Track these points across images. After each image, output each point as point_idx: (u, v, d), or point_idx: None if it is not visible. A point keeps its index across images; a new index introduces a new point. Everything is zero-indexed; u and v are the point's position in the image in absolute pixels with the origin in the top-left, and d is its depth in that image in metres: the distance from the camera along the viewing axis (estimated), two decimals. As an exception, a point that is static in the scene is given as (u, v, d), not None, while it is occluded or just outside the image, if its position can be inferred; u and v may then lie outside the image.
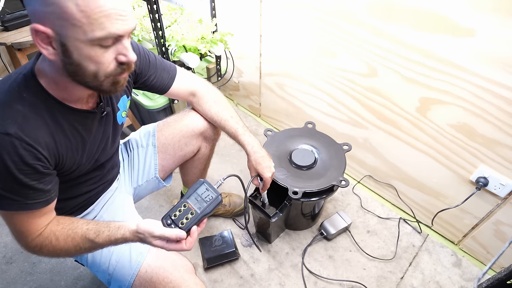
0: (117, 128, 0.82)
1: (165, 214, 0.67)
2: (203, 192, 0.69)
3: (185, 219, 0.66)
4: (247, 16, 1.50)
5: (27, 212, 0.62)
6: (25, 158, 0.57)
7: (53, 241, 0.65)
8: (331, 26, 1.19)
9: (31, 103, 0.59)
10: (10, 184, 0.58)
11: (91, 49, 0.54)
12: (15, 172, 0.57)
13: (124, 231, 0.65)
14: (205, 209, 0.67)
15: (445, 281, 1.18)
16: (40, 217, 0.64)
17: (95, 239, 0.65)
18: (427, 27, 0.96)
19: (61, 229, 0.66)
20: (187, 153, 1.03)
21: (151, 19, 1.19)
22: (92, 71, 0.56)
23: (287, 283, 1.18)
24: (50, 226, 0.66)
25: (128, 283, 0.77)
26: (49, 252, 0.66)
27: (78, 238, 0.65)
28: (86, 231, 0.65)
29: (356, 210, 1.42)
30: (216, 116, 0.96)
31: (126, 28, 0.55)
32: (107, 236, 0.65)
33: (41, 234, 0.65)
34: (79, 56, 0.54)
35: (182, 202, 0.68)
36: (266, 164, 0.92)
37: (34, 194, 0.61)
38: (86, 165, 0.74)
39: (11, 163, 0.56)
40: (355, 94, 1.28)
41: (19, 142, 0.56)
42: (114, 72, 0.59)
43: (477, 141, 1.02)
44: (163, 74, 0.89)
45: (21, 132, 0.56)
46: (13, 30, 1.52)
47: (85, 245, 0.65)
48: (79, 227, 0.66)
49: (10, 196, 0.59)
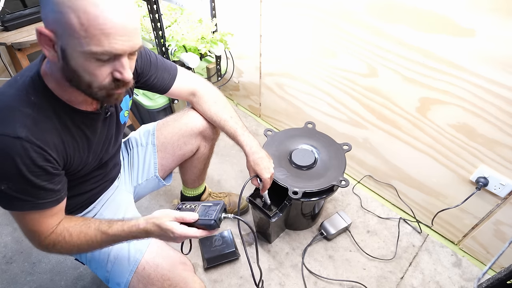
0: (120, 128, 0.83)
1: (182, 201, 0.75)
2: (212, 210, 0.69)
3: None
4: (247, 16, 1.50)
5: (38, 211, 0.63)
6: (36, 160, 0.59)
7: (66, 237, 0.66)
8: (331, 26, 1.19)
9: (40, 106, 0.61)
10: (22, 185, 0.59)
11: (87, 61, 0.54)
12: (27, 174, 0.58)
13: (136, 221, 0.66)
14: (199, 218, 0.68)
15: (445, 281, 1.18)
16: (52, 216, 0.66)
17: (108, 230, 0.66)
18: (427, 27, 0.96)
19: (74, 225, 0.68)
20: (186, 152, 1.03)
21: (151, 19, 1.19)
22: (87, 81, 0.57)
23: (287, 283, 1.18)
24: (63, 223, 0.68)
25: (126, 280, 0.77)
26: (62, 248, 0.67)
27: (91, 232, 0.66)
28: (98, 225, 0.67)
29: (356, 210, 1.42)
30: (216, 116, 0.96)
31: (125, 48, 0.55)
32: (120, 225, 0.66)
33: (54, 232, 0.66)
34: (75, 65, 0.55)
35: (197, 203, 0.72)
36: (264, 165, 0.91)
37: (45, 194, 0.63)
38: (91, 164, 0.76)
39: (23, 166, 0.57)
40: (355, 94, 1.28)
41: (30, 145, 0.58)
42: (109, 86, 0.59)
43: (477, 141, 1.02)
44: (164, 74, 0.89)
45: (31, 135, 0.58)
46: (13, 30, 1.52)
47: (97, 238, 0.66)
48: (92, 222, 0.68)
49: (22, 197, 0.60)
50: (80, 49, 0.53)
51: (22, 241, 1.32)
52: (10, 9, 1.56)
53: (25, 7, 1.73)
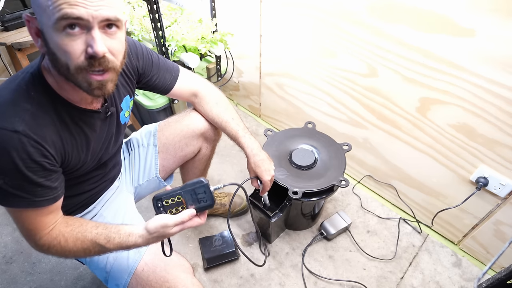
0: (120, 128, 0.83)
1: (158, 196, 0.68)
2: (201, 193, 0.69)
3: (174, 210, 0.68)
4: (247, 16, 1.50)
5: (35, 209, 0.63)
6: (33, 155, 0.58)
7: (61, 242, 0.65)
8: (331, 26, 1.19)
9: (39, 101, 0.60)
10: (19, 181, 0.59)
11: (58, 37, 0.52)
12: (24, 170, 0.58)
13: (135, 239, 0.66)
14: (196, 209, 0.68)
15: (445, 281, 1.18)
16: (48, 215, 0.65)
17: (106, 244, 0.66)
18: (427, 27, 0.96)
19: (70, 230, 0.66)
20: (187, 153, 1.03)
21: (151, 19, 1.19)
22: (64, 62, 0.55)
23: (287, 283, 1.18)
24: (58, 226, 0.66)
25: (125, 281, 0.77)
26: (57, 252, 0.66)
27: (88, 242, 0.66)
28: (96, 236, 0.66)
29: (356, 210, 1.42)
30: (217, 117, 0.96)
31: (89, 13, 0.51)
32: (118, 243, 0.66)
33: (49, 234, 0.65)
34: (52, 45, 0.54)
35: (178, 193, 0.68)
36: (265, 167, 0.91)
37: (42, 191, 0.62)
38: (90, 164, 0.75)
39: (19, 161, 0.57)
40: (355, 94, 1.28)
41: (27, 140, 0.57)
42: (83, 65, 0.55)
43: (477, 141, 1.02)
44: (165, 75, 0.89)
45: (29, 130, 0.57)
46: (13, 30, 1.53)
47: (94, 249, 0.66)
48: (88, 231, 0.67)
49: (19, 194, 0.60)
50: (50, 23, 0.51)
51: (22, 241, 1.32)
52: (10, 9, 1.56)
53: (25, 7, 1.73)
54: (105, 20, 0.54)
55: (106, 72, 0.58)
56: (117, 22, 0.56)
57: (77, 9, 0.50)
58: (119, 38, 0.58)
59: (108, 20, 0.54)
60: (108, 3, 0.53)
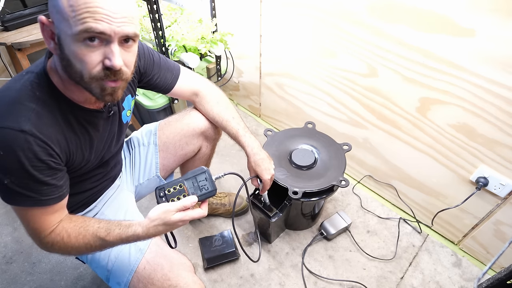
0: (122, 127, 0.84)
1: (160, 186, 0.69)
2: (202, 181, 0.70)
3: (176, 198, 0.68)
4: (247, 16, 1.50)
5: (41, 208, 0.63)
6: (39, 154, 0.59)
7: (64, 238, 0.66)
8: (331, 26, 1.19)
9: (44, 101, 0.61)
10: (25, 180, 0.59)
11: (77, 46, 0.54)
12: (30, 169, 0.58)
13: (135, 228, 0.66)
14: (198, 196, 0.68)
15: (445, 281, 1.18)
16: (53, 214, 0.65)
17: (106, 237, 0.65)
18: (427, 27, 0.96)
19: (73, 226, 0.67)
20: (188, 152, 1.04)
21: (151, 19, 1.19)
22: (78, 69, 0.57)
23: (287, 283, 1.18)
24: (62, 223, 0.67)
25: (127, 279, 0.77)
26: (60, 249, 0.66)
27: (89, 236, 0.66)
28: (97, 229, 0.66)
29: (356, 210, 1.42)
30: (218, 116, 0.96)
31: (112, 29, 0.53)
32: (117, 234, 0.66)
33: (53, 231, 0.66)
34: (68, 51, 0.55)
35: (180, 181, 0.69)
36: (265, 166, 0.92)
37: (48, 190, 0.62)
38: (93, 162, 0.76)
39: (25, 160, 0.57)
40: (355, 94, 1.28)
41: (33, 139, 0.58)
42: (98, 75, 0.57)
43: (477, 141, 1.02)
44: (166, 74, 0.90)
45: (35, 129, 0.58)
46: (13, 30, 1.52)
47: (95, 243, 0.66)
48: (90, 225, 0.67)
49: (25, 193, 0.60)
50: (70, 32, 0.53)
51: (22, 241, 1.32)
52: (10, 9, 1.56)
53: (25, 7, 1.72)
54: (125, 36, 0.56)
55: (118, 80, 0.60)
56: (135, 37, 0.58)
57: (101, 24, 0.52)
58: (134, 51, 0.61)
59: (127, 36, 0.56)
60: (130, 20, 0.56)
